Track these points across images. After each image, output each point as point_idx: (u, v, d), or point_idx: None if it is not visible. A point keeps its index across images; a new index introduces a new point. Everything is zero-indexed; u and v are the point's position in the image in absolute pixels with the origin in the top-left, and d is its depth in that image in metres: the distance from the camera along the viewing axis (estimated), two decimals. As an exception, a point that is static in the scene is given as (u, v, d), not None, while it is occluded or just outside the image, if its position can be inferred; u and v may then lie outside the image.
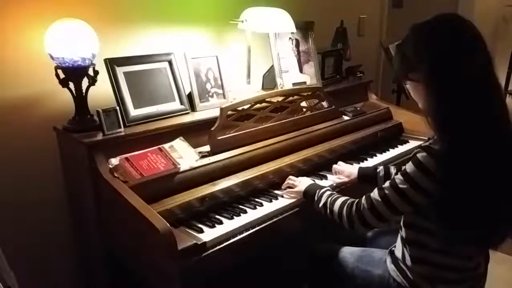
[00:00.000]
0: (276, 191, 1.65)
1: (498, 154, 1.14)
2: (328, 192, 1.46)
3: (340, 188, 1.72)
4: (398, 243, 1.35)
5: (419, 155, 1.16)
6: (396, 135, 2.32)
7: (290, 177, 1.65)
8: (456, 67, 1.13)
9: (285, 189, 1.64)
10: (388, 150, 2.12)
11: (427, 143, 1.19)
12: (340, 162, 1.81)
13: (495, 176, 1.14)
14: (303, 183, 1.58)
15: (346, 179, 1.73)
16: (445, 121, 1.15)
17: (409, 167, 1.18)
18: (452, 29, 1.16)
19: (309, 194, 1.52)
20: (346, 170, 1.75)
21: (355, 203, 1.31)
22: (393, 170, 1.67)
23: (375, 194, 1.26)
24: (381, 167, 1.71)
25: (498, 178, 1.15)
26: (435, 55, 1.15)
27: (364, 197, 1.29)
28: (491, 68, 1.15)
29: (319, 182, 1.74)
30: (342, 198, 1.38)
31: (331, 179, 1.76)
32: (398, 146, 2.18)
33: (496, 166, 1.14)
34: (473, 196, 1.13)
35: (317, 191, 1.48)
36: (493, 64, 1.16)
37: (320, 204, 1.44)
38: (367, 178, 1.70)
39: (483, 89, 1.14)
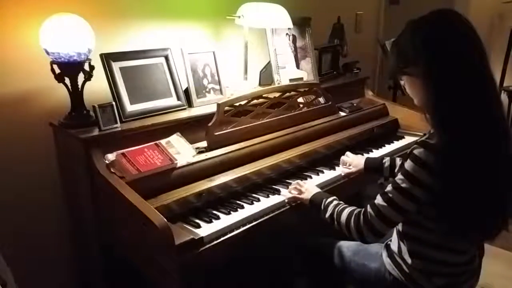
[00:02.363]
0: (274, 186, 1.65)
1: (494, 147, 1.15)
2: (335, 202, 1.40)
3: (347, 179, 1.76)
4: (394, 237, 1.36)
5: (416, 151, 1.16)
6: (392, 131, 2.33)
7: (298, 181, 1.60)
8: (454, 62, 1.13)
9: (288, 199, 1.58)
10: (384, 146, 2.12)
11: (422, 139, 1.19)
12: (348, 153, 1.83)
13: (492, 168, 1.15)
14: (309, 190, 1.52)
15: (353, 169, 1.74)
16: (443, 116, 1.15)
17: (408, 164, 1.17)
18: (449, 24, 1.17)
19: (315, 203, 1.46)
20: (355, 161, 1.77)
21: (361, 213, 1.27)
22: (398, 161, 1.68)
23: (379, 200, 1.23)
24: (387, 158, 1.73)
25: (495, 170, 1.16)
26: (434, 49, 1.15)
27: (369, 206, 1.26)
28: (486, 62, 1.16)
29: (315, 177, 1.75)
30: (349, 209, 1.33)
31: (328, 174, 1.77)
32: (394, 141, 2.19)
33: (493, 158, 1.15)
34: (471, 188, 1.14)
35: (324, 200, 1.42)
36: (488, 58, 1.17)
37: (327, 215, 1.38)
38: (373, 169, 1.73)
39: (480, 83, 1.14)
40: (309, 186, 1.55)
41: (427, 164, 1.14)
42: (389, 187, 1.22)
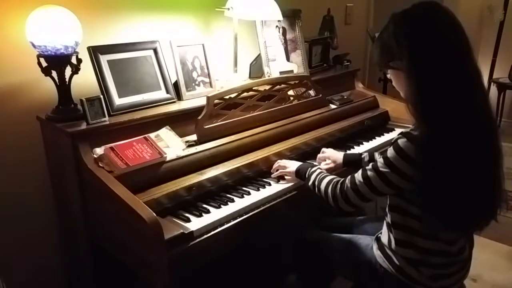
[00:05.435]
0: (264, 179, 1.65)
1: (478, 138, 1.16)
2: (318, 171, 1.50)
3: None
4: (384, 229, 1.36)
5: (399, 141, 1.17)
6: (383, 123, 2.34)
7: (279, 160, 1.69)
8: (436, 54, 1.14)
9: (274, 175, 1.66)
10: (375, 138, 2.13)
11: (407, 129, 1.20)
12: (324, 149, 1.82)
13: (474, 160, 1.16)
14: (293, 163, 1.62)
15: (332, 165, 1.74)
16: (425, 108, 1.16)
17: (390, 152, 1.20)
18: (432, 17, 1.17)
19: (300, 173, 1.56)
20: (332, 156, 1.76)
21: (339, 182, 1.36)
22: (377, 156, 1.70)
23: (358, 175, 1.29)
24: (366, 153, 1.74)
25: (477, 162, 1.16)
26: (416, 42, 1.15)
27: (349, 177, 1.33)
28: (470, 54, 1.16)
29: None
30: (329, 177, 1.42)
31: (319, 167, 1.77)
32: (385, 134, 2.20)
33: (475, 151, 1.16)
34: (453, 180, 1.15)
35: (308, 169, 1.53)
36: (472, 51, 1.17)
37: (310, 183, 1.48)
38: (353, 164, 1.73)
39: (463, 75, 1.15)
40: (292, 161, 1.66)
41: (408, 155, 1.15)
42: (370, 166, 1.27)
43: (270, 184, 1.61)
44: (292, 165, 1.62)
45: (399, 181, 1.20)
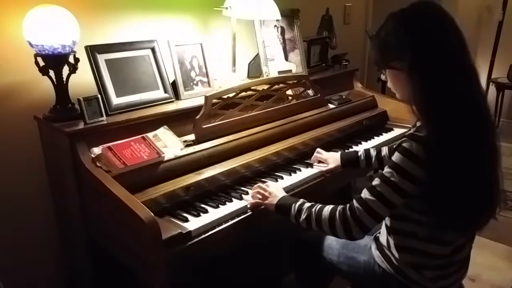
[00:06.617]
0: (262, 179, 1.64)
1: (480, 136, 1.16)
2: (307, 204, 1.32)
3: (326, 176, 1.73)
4: (383, 230, 1.36)
5: (405, 145, 1.15)
6: (381, 123, 2.33)
7: (260, 185, 1.50)
8: (439, 54, 1.13)
9: (249, 203, 1.47)
10: (373, 138, 2.13)
11: (411, 132, 1.19)
12: (319, 149, 1.81)
13: (479, 158, 1.16)
14: (274, 195, 1.42)
15: (332, 166, 1.73)
16: (431, 109, 1.14)
17: (397, 158, 1.16)
18: (432, 16, 1.16)
19: (282, 208, 1.37)
20: (330, 158, 1.76)
21: (347, 209, 1.22)
22: (373, 152, 1.72)
23: (366, 194, 1.19)
24: (361, 151, 1.74)
25: (482, 159, 1.17)
26: (418, 42, 1.14)
27: (354, 201, 1.21)
28: (468, 53, 1.16)
29: (304, 170, 1.74)
30: (328, 207, 1.27)
31: (317, 168, 1.76)
32: (383, 134, 2.19)
33: (479, 148, 1.16)
34: (459, 179, 1.14)
35: (293, 204, 1.34)
36: (468, 48, 1.16)
37: (302, 218, 1.30)
38: (351, 163, 1.74)
39: (463, 74, 1.14)
40: (274, 190, 1.45)
41: (417, 157, 1.13)
42: (376, 181, 1.19)
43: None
44: (272, 197, 1.42)
45: (411, 187, 1.15)
